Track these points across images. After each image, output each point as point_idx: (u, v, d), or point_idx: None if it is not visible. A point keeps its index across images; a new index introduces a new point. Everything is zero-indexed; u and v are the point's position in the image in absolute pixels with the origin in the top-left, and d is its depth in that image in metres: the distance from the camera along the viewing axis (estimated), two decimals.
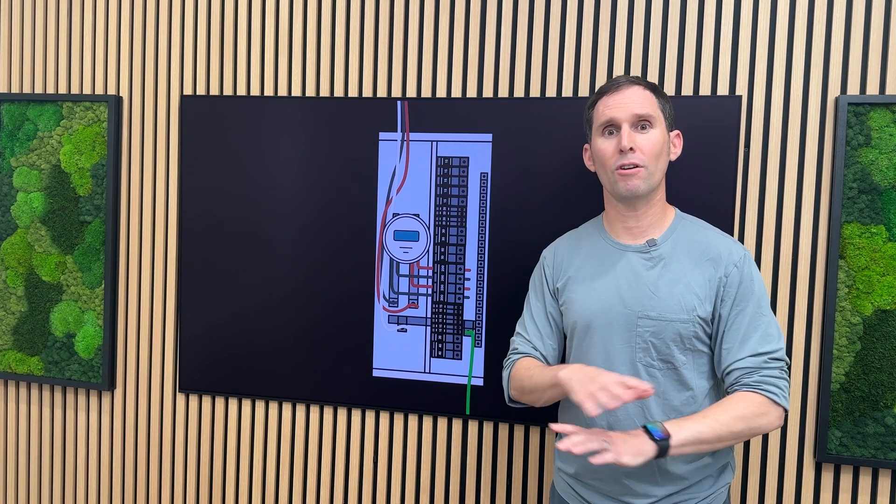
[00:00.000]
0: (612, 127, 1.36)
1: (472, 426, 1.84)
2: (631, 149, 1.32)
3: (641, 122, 1.33)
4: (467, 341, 1.81)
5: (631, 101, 1.34)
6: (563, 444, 1.20)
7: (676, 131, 1.42)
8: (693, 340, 1.34)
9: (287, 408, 1.96)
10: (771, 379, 1.30)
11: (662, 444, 1.19)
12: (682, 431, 1.21)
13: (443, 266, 1.81)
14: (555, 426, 1.25)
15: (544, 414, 1.75)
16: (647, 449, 1.19)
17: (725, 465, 1.42)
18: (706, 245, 1.37)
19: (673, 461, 1.35)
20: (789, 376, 1.35)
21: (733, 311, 1.33)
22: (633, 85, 1.36)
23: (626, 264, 1.39)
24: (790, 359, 1.66)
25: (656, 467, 1.35)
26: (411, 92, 1.84)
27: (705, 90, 1.68)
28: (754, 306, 1.33)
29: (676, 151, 1.42)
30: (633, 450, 1.18)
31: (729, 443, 1.27)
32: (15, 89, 2.09)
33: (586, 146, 1.46)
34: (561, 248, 1.52)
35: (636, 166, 1.32)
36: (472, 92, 1.80)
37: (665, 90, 1.69)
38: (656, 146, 1.33)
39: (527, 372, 1.42)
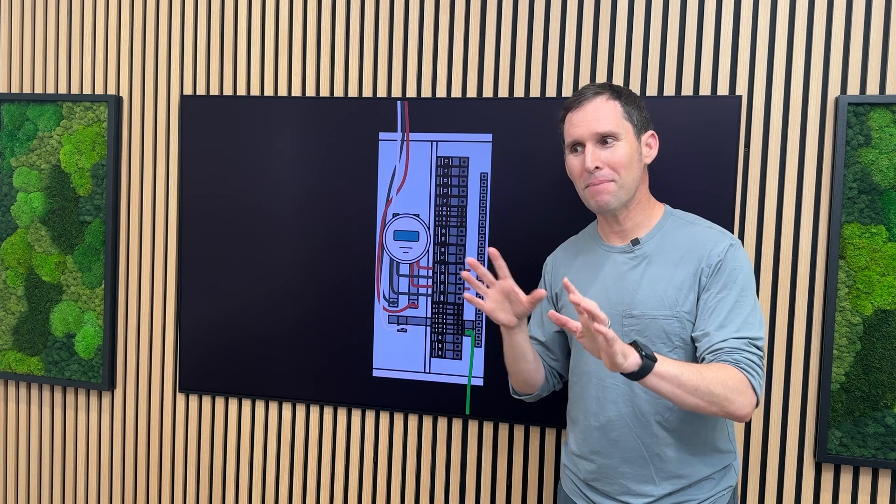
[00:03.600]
0: (577, 145, 1.38)
1: (472, 426, 1.84)
2: (597, 167, 1.33)
3: (605, 138, 1.34)
4: (467, 341, 1.81)
5: (593, 119, 1.34)
6: (574, 298, 1.13)
7: (650, 132, 1.41)
8: (682, 336, 1.33)
9: (287, 408, 1.96)
10: (750, 363, 1.26)
11: (647, 362, 1.15)
12: (666, 365, 1.18)
13: (443, 266, 1.81)
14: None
15: (544, 414, 1.75)
16: (632, 358, 1.14)
17: (727, 468, 1.42)
18: (694, 240, 1.37)
19: (669, 460, 1.35)
20: (765, 368, 1.30)
21: (715, 297, 1.31)
22: (596, 97, 1.36)
23: (612, 265, 1.41)
24: (790, 359, 1.66)
25: (653, 467, 1.35)
26: (411, 92, 1.84)
27: (705, 90, 1.68)
28: (737, 293, 1.30)
29: (651, 153, 1.41)
30: (622, 349, 1.13)
31: (702, 401, 1.20)
32: (15, 89, 2.09)
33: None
34: (559, 256, 1.56)
35: (606, 181, 1.33)
36: (472, 92, 1.80)
37: (665, 90, 1.69)
38: (623, 159, 1.34)
39: None
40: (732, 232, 1.65)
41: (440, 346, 1.82)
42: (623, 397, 1.36)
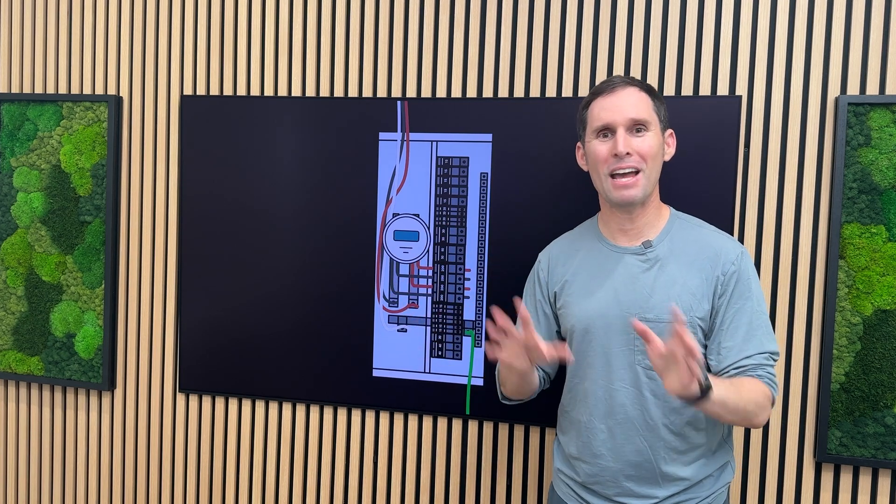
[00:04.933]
0: (607, 130, 1.35)
1: (472, 426, 1.84)
2: (627, 153, 1.31)
3: (637, 126, 1.33)
4: (467, 341, 1.81)
5: (627, 105, 1.33)
6: (681, 327, 1.12)
7: (670, 130, 1.42)
8: None
9: (287, 408, 1.96)
10: (772, 376, 1.31)
11: (707, 391, 1.16)
12: (720, 389, 1.19)
13: (443, 266, 1.81)
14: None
15: (544, 414, 1.75)
16: (694, 389, 1.14)
17: (725, 465, 1.42)
18: (702, 244, 1.37)
19: (673, 462, 1.35)
20: None
21: (732, 308, 1.32)
22: (628, 86, 1.35)
23: (623, 267, 1.39)
24: (790, 359, 1.66)
25: (657, 470, 1.35)
26: (411, 92, 1.84)
27: (705, 90, 1.68)
28: (755, 303, 1.33)
29: (670, 151, 1.42)
30: (682, 384, 1.14)
31: (736, 419, 1.25)
32: (15, 89, 2.09)
33: (578, 145, 1.46)
34: (555, 252, 1.52)
35: (635, 172, 1.32)
36: (472, 92, 1.80)
37: (665, 90, 1.69)
38: (653, 149, 1.33)
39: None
40: (732, 232, 1.65)
41: (440, 346, 1.82)
42: (632, 401, 1.35)
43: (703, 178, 1.64)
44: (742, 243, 1.66)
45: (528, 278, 1.56)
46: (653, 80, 1.70)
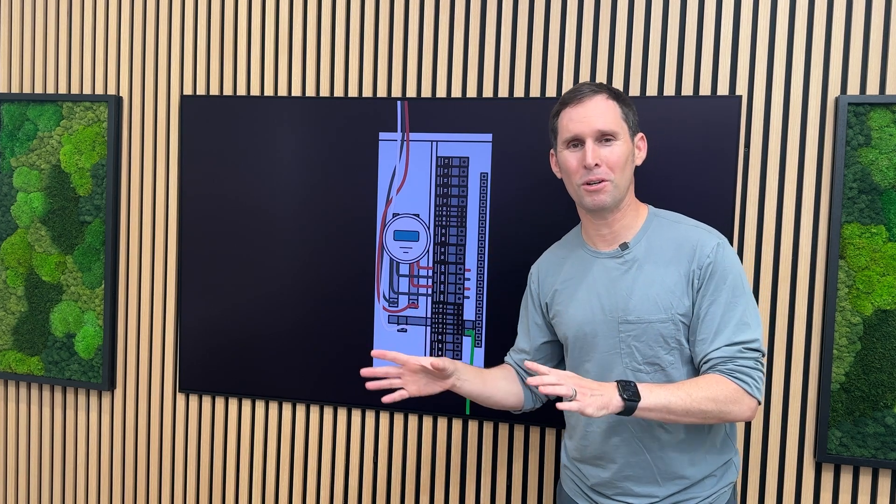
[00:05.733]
0: (576, 141, 1.36)
1: (472, 426, 1.84)
2: (596, 164, 1.32)
3: (605, 137, 1.33)
4: (467, 341, 1.81)
5: (594, 116, 1.33)
6: (533, 380, 1.20)
7: (640, 134, 1.42)
8: (677, 338, 1.33)
9: (287, 408, 1.96)
10: (745, 369, 1.28)
11: (630, 404, 1.19)
12: (653, 396, 1.21)
13: (443, 266, 1.82)
14: (531, 365, 1.27)
15: (544, 414, 1.75)
16: (615, 404, 1.18)
17: (728, 464, 1.42)
18: (679, 240, 1.36)
19: (671, 461, 1.35)
20: (764, 367, 1.33)
21: (707, 300, 1.32)
22: (595, 94, 1.35)
23: (603, 271, 1.40)
24: (790, 359, 1.66)
25: (656, 469, 1.35)
26: (411, 92, 1.84)
27: (705, 90, 1.68)
28: (728, 296, 1.31)
29: (641, 155, 1.42)
30: (600, 402, 1.18)
31: (696, 419, 1.25)
32: (15, 89, 2.09)
33: (552, 152, 1.46)
34: (544, 264, 1.53)
35: (602, 181, 1.32)
36: (472, 92, 1.80)
37: (665, 90, 1.69)
38: (621, 159, 1.33)
39: None
40: (732, 232, 1.65)
41: (440, 346, 1.82)
42: None
43: (703, 178, 1.64)
44: (742, 243, 1.66)
45: (525, 291, 1.58)
46: (653, 80, 1.70)
